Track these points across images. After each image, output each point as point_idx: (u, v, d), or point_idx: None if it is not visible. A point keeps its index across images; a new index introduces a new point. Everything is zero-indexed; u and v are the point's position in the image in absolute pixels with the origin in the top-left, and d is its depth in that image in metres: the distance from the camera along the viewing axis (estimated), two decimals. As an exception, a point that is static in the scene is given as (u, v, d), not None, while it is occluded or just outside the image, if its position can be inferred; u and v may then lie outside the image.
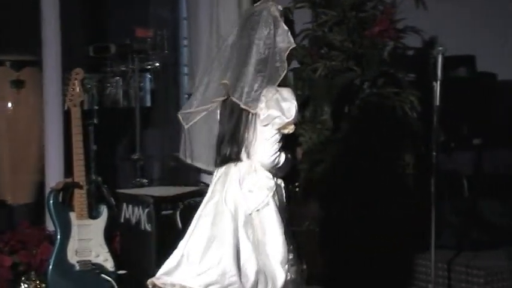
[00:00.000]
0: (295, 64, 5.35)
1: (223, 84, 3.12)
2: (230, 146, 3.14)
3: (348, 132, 5.09)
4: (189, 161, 5.34)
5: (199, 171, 5.40)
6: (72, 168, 4.62)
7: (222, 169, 3.19)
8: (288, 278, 3.11)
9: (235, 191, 3.13)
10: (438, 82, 4.46)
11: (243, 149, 3.12)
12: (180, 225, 4.43)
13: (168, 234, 4.35)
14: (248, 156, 3.13)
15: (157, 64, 5.53)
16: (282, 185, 3.21)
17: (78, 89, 4.66)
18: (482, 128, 5.87)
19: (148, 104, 5.66)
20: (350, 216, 4.90)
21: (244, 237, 3.09)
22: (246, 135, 3.11)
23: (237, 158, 3.14)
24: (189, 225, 3.21)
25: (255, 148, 3.12)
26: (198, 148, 5.27)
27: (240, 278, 3.04)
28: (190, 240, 3.15)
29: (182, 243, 3.16)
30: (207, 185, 4.89)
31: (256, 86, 3.06)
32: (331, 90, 5.05)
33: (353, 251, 4.85)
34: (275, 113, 3.04)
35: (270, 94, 3.06)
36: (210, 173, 5.22)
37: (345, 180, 4.91)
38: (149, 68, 5.56)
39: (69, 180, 4.64)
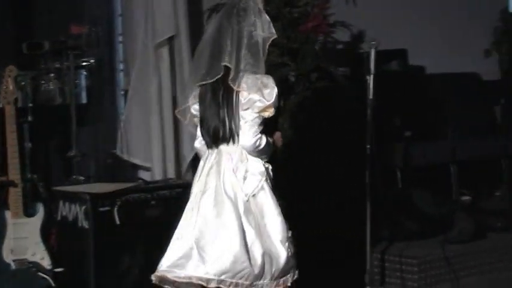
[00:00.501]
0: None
1: (226, 65, 3.20)
2: (220, 124, 3.24)
3: (283, 125, 5.07)
4: (125, 157, 5.26)
5: (136, 167, 5.31)
6: (7, 167, 4.49)
7: (213, 158, 3.28)
8: (289, 254, 3.26)
9: (232, 180, 3.23)
10: (371, 76, 4.47)
11: (232, 123, 3.22)
12: (117, 221, 4.35)
13: (105, 230, 4.32)
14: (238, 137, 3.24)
15: (93, 61, 5.41)
16: (270, 167, 3.34)
17: (11, 87, 4.54)
18: (412, 120, 5.94)
19: (84, 100, 5.54)
20: (289, 210, 4.88)
21: (247, 224, 3.20)
22: (228, 115, 3.22)
23: (230, 136, 3.24)
24: (179, 216, 3.32)
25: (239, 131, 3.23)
26: (134, 144, 5.20)
27: (250, 263, 3.16)
28: (196, 232, 3.22)
29: (188, 234, 3.23)
30: (145, 181, 4.85)
31: (242, 69, 3.21)
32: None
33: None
34: (256, 97, 3.20)
35: (250, 80, 3.21)
36: (147, 169, 5.18)
37: (283, 174, 4.88)
38: (84, 65, 5.44)
39: (3, 178, 4.52)
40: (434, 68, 6.55)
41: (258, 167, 3.28)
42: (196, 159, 5.10)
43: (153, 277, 3.29)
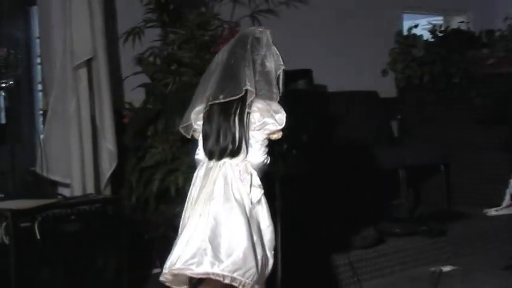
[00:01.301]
0: (146, 79, 5.32)
1: (246, 89, 3.37)
2: (230, 141, 3.39)
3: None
4: (45, 174, 5.19)
5: (56, 184, 5.24)
6: None
7: (217, 169, 3.40)
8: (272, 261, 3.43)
9: (240, 188, 3.37)
10: (279, 93, 4.53)
11: (239, 144, 3.38)
12: (38, 236, 4.29)
13: (27, 246, 4.23)
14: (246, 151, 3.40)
15: (11, 82, 5.33)
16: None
17: None
18: (317, 134, 6.02)
19: (3, 121, 5.45)
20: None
21: (252, 228, 3.34)
22: (238, 133, 3.38)
23: (236, 151, 3.39)
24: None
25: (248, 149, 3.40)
26: (54, 162, 5.13)
27: (256, 262, 3.28)
28: (209, 233, 3.31)
29: (199, 237, 3.32)
30: (65, 197, 4.81)
31: (258, 94, 3.40)
32: (182, 104, 5.01)
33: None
34: (269, 120, 3.40)
35: (261, 106, 3.41)
36: (67, 185, 5.13)
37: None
38: (3, 86, 5.35)
39: None
40: (336, 87, 6.68)
41: (258, 181, 3.43)
42: (114, 175, 5.13)
43: (165, 276, 3.45)
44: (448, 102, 7.11)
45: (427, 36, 7.36)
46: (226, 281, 3.29)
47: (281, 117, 3.43)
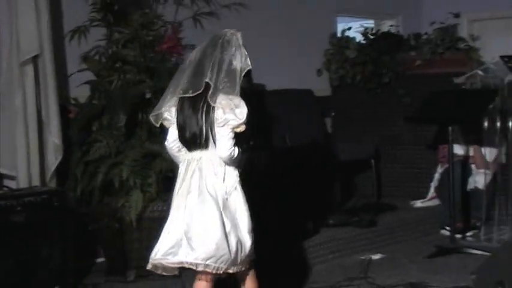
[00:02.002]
0: (92, 76, 5.32)
1: (206, 82, 3.52)
2: (198, 130, 3.54)
3: (141, 137, 5.13)
4: (-9, 167, 5.15)
5: (2, 176, 5.21)
6: None
7: (195, 164, 3.58)
8: (252, 241, 3.60)
9: (213, 181, 3.56)
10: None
11: (209, 133, 3.54)
12: (-14, 227, 4.28)
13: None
14: (213, 141, 3.55)
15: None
16: (238, 173, 3.66)
17: None
18: (257, 131, 6.09)
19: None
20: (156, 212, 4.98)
21: (225, 217, 3.54)
22: (205, 124, 3.53)
23: (205, 142, 3.55)
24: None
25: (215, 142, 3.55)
26: (0, 155, 5.09)
27: (229, 249, 3.49)
28: (184, 224, 3.53)
29: (177, 227, 3.55)
30: (11, 189, 4.79)
31: (220, 89, 3.53)
32: (126, 100, 5.06)
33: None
34: (230, 116, 3.53)
35: (224, 102, 3.53)
36: (13, 178, 5.10)
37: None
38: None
39: None
40: (274, 85, 6.76)
41: (233, 172, 3.62)
42: (59, 169, 5.13)
43: (149, 265, 3.65)
44: (378, 100, 7.26)
45: (359, 38, 7.50)
46: (200, 269, 3.52)
47: (242, 111, 3.56)
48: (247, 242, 3.59)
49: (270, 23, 6.91)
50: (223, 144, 3.56)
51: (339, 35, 7.57)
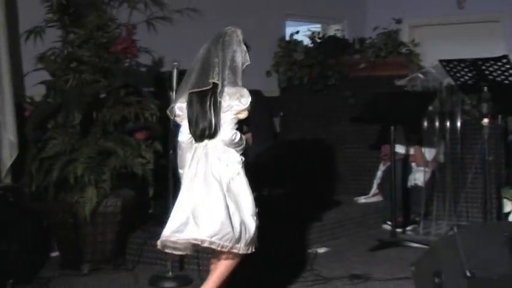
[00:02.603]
0: (48, 76, 5.29)
1: (213, 81, 3.76)
2: (207, 124, 3.75)
3: (95, 135, 5.12)
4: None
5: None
6: None
7: (201, 150, 3.77)
8: (257, 225, 3.78)
9: (218, 166, 3.75)
10: (173, 92, 4.63)
11: (218, 124, 3.75)
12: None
13: None
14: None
15: None
16: (243, 159, 3.85)
17: None
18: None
19: None
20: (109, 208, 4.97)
21: (229, 200, 3.73)
22: (214, 118, 3.74)
23: (213, 134, 3.75)
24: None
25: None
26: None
27: (232, 229, 3.67)
28: (191, 204, 3.71)
29: (185, 208, 3.72)
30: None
31: (229, 86, 3.76)
32: (81, 99, 5.04)
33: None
34: (235, 102, 3.75)
35: (231, 91, 3.76)
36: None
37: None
38: None
39: None
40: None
41: (237, 158, 3.81)
42: (15, 165, 5.09)
43: (159, 244, 3.80)
44: (325, 101, 7.34)
45: (307, 42, 7.57)
46: (205, 245, 3.69)
47: (246, 99, 3.78)
48: (251, 224, 3.76)
49: (221, 27, 6.90)
50: (226, 128, 3.76)
51: (287, 38, 7.63)
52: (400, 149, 6.34)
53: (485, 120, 4.98)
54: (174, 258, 4.72)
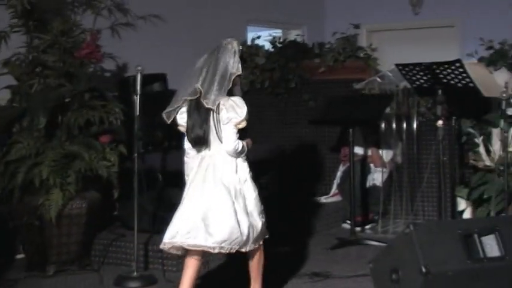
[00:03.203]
0: (13, 81, 5.24)
1: (197, 88, 3.89)
2: (202, 132, 3.90)
3: (60, 139, 5.08)
4: None
5: None
6: None
7: (208, 158, 3.93)
8: (263, 222, 4.02)
9: (227, 173, 3.91)
10: (137, 96, 4.62)
11: (210, 134, 3.90)
12: None
13: None
14: (218, 139, 3.90)
15: None
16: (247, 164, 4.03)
17: None
18: (171, 132, 6.09)
19: None
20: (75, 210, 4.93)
21: (237, 205, 3.90)
22: (209, 125, 3.89)
23: (206, 141, 3.91)
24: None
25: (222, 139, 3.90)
26: None
27: (241, 233, 3.86)
28: (201, 211, 3.85)
29: (194, 213, 3.85)
30: None
31: (216, 93, 3.86)
32: (46, 103, 5.00)
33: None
34: (232, 114, 3.89)
35: (227, 103, 3.88)
36: None
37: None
38: None
39: None
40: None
41: (243, 164, 3.99)
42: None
43: (165, 246, 3.93)
44: (286, 104, 7.36)
45: (268, 46, 7.58)
46: (216, 251, 3.87)
47: (242, 110, 3.91)
48: (258, 222, 3.97)
49: (184, 32, 6.93)
50: (228, 139, 3.90)
51: (249, 43, 7.66)
52: (358, 150, 6.39)
53: (440, 122, 5.05)
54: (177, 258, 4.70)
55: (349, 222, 6.03)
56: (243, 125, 3.96)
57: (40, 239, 4.95)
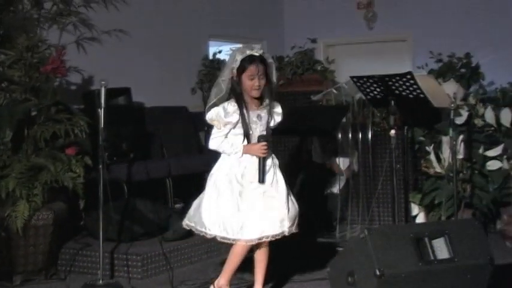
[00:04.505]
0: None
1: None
2: None
3: (27, 151, 5.03)
4: None
5: None
6: None
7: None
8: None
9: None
10: (102, 109, 4.59)
11: None
12: None
13: None
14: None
15: None
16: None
17: None
18: (136, 144, 6.09)
19: None
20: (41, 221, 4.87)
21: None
22: None
23: None
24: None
25: None
26: None
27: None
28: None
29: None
30: None
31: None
32: (12, 117, 4.94)
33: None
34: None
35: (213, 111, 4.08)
36: None
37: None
38: None
39: None
40: (152, 103, 6.77)
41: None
42: None
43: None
44: (247, 116, 7.35)
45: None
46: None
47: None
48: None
49: (147, 47, 6.93)
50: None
51: (210, 57, 7.67)
52: (317, 158, 6.43)
53: (393, 132, 5.10)
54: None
55: (308, 228, 6.04)
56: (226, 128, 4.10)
57: (6, 250, 4.87)
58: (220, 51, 7.69)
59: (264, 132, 4.09)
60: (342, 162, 6.50)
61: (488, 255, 3.79)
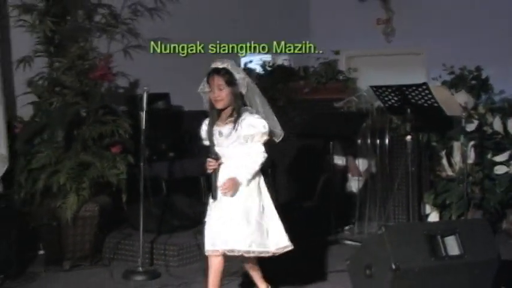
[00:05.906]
0: (35, 98, 5.24)
1: None
2: None
3: (76, 150, 5.07)
4: None
5: None
6: None
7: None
8: None
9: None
10: (144, 112, 4.63)
11: None
12: None
13: None
14: None
15: None
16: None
17: None
18: (174, 145, 6.12)
19: None
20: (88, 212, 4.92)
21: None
22: None
23: None
24: None
25: None
26: None
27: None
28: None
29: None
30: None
31: None
32: (64, 119, 5.01)
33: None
34: None
35: None
36: None
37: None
38: None
39: None
40: (190, 107, 6.76)
41: None
42: (6, 175, 5.01)
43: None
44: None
45: (259, 69, 7.59)
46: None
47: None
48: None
49: (189, 54, 6.91)
50: None
51: (242, 66, 7.67)
52: (338, 160, 6.40)
53: (409, 137, 5.07)
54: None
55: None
56: None
57: (57, 238, 4.94)
58: (251, 61, 7.68)
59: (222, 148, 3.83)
60: (361, 165, 6.47)
61: (495, 252, 3.75)
